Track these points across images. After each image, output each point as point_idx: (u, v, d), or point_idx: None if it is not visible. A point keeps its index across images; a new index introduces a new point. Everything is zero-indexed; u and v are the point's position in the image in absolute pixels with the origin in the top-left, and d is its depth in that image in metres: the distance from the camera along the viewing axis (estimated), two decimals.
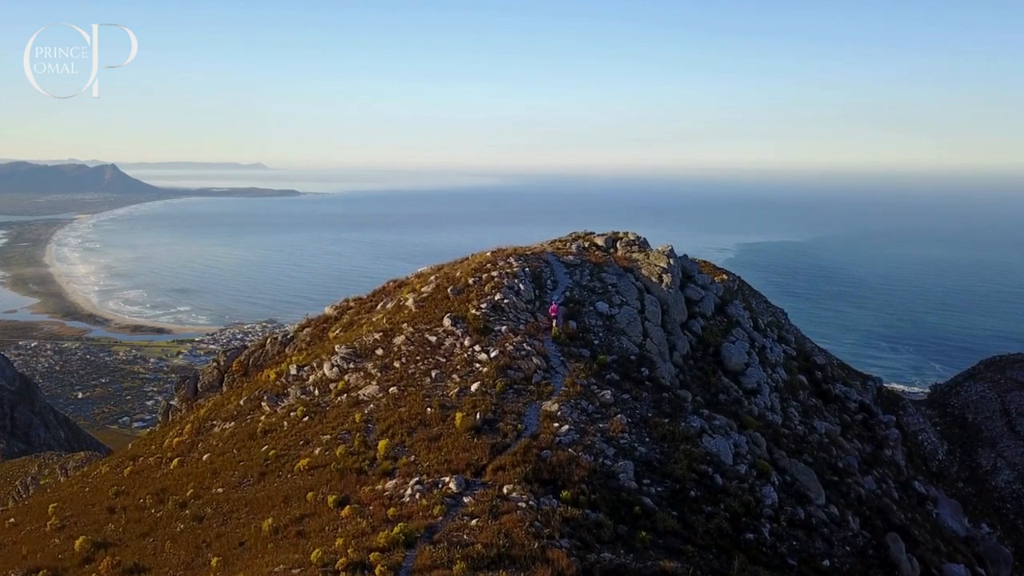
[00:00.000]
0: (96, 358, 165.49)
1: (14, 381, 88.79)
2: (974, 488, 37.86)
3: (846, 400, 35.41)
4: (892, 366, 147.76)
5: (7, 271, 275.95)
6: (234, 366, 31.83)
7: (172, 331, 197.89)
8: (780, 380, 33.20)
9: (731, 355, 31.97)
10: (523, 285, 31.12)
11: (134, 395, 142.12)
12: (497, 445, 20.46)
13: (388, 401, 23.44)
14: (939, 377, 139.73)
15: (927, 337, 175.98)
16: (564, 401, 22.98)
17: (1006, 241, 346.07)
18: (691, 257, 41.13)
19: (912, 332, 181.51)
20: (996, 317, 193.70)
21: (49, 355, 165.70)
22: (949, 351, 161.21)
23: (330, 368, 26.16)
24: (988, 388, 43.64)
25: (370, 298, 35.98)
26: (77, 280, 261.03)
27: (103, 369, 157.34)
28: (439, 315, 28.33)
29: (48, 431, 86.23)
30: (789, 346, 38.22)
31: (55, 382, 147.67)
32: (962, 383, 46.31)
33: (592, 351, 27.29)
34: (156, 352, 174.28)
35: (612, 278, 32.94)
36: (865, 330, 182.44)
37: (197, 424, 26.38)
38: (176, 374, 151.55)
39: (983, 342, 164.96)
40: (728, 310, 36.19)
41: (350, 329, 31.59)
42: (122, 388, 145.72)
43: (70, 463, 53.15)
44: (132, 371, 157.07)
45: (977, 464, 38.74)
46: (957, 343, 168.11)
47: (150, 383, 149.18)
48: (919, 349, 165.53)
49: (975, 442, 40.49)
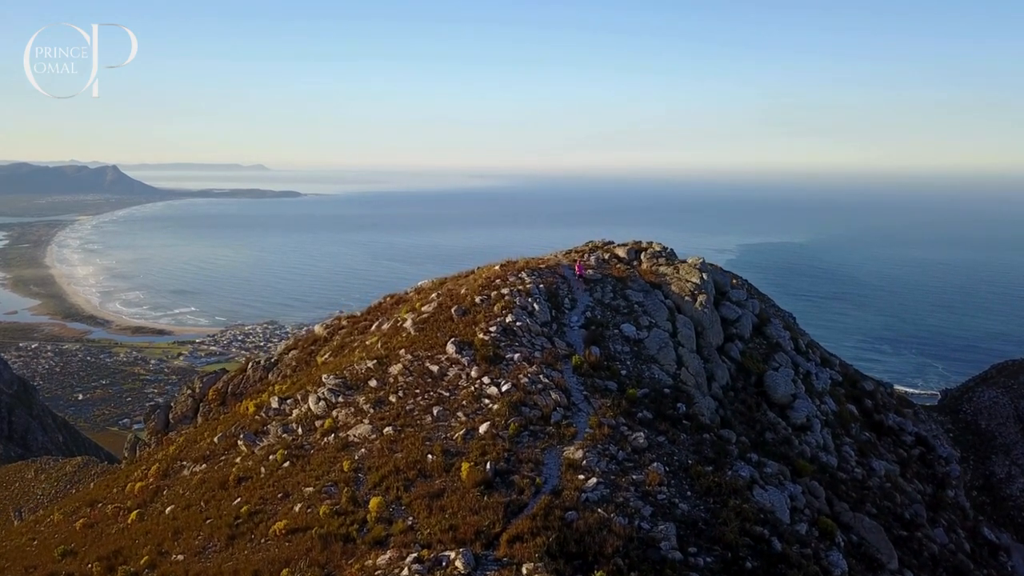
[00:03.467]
0: (96, 359, 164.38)
1: (12, 384, 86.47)
2: (988, 496, 36.55)
3: (901, 432, 31.76)
4: (894, 367, 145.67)
5: (8, 272, 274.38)
6: (210, 394, 28.65)
7: (173, 332, 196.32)
8: (829, 412, 29.64)
9: (776, 385, 28.42)
10: (537, 305, 27.52)
11: (134, 396, 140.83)
12: (512, 505, 16.99)
13: (382, 444, 20.00)
14: (941, 377, 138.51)
15: (929, 337, 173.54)
16: (590, 446, 19.46)
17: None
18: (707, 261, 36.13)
19: (912, 332, 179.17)
20: (996, 316, 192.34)
21: (50, 356, 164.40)
22: (951, 351, 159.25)
23: (316, 402, 22.81)
24: (1001, 394, 42.02)
25: (364, 316, 32.49)
26: (78, 281, 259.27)
27: (103, 371, 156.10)
28: (442, 340, 24.95)
29: (46, 434, 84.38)
30: (834, 370, 34.38)
31: (55, 383, 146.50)
32: (974, 388, 44.41)
33: (619, 383, 23.79)
34: (157, 354, 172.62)
35: (638, 295, 29.45)
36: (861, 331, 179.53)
37: (165, 464, 22.98)
38: (176, 375, 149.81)
39: (983, 341, 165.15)
40: (767, 330, 32.56)
41: (340, 354, 28.34)
42: (122, 390, 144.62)
43: (67, 467, 51.96)
44: (132, 372, 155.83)
45: (991, 472, 37.07)
46: (959, 343, 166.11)
47: (151, 384, 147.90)
48: (921, 350, 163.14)
49: (989, 449, 38.82)
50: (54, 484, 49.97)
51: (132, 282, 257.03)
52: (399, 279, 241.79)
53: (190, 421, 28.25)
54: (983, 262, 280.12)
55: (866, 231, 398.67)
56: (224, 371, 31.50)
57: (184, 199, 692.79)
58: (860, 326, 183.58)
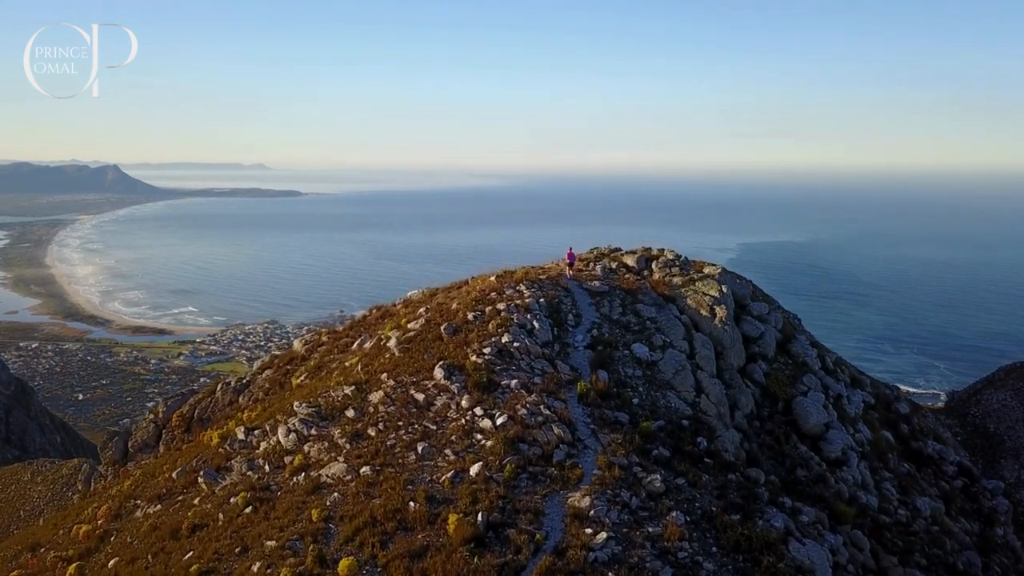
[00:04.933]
0: (97, 359, 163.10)
1: (9, 385, 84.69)
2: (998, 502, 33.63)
3: (942, 461, 28.57)
4: (896, 367, 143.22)
5: (9, 272, 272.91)
6: (174, 420, 25.88)
7: (173, 332, 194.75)
8: (864, 441, 26.69)
9: (807, 413, 25.43)
10: (537, 322, 24.57)
11: (135, 397, 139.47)
12: (508, 567, 14.33)
13: (358, 487, 17.32)
14: (943, 377, 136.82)
15: (929, 337, 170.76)
16: (598, 492, 16.74)
17: None
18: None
19: (914, 332, 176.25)
20: (996, 316, 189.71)
21: (50, 356, 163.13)
22: (951, 351, 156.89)
23: (286, 434, 20.06)
24: (1010, 396, 41.08)
25: (346, 331, 29.57)
26: (78, 281, 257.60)
27: (104, 370, 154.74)
28: (429, 363, 22.14)
29: (44, 436, 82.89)
30: (865, 391, 31.29)
31: (55, 383, 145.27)
32: (982, 391, 43.28)
33: (631, 414, 20.86)
34: (157, 353, 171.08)
35: (650, 310, 26.51)
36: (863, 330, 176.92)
37: (118, 503, 20.33)
38: (177, 375, 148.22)
39: (984, 340, 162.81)
40: (792, 348, 29.37)
41: (318, 376, 25.55)
42: (123, 390, 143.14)
43: (63, 469, 50.96)
44: (133, 372, 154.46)
45: (1000, 476, 35.44)
46: (961, 343, 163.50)
47: (151, 384, 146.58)
48: (922, 349, 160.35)
49: (998, 453, 37.71)
50: (51, 487, 48.43)
51: (132, 281, 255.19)
52: (399, 279, 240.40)
53: (151, 450, 25.40)
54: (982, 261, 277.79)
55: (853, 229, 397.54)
56: (192, 391, 28.79)
57: (185, 198, 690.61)
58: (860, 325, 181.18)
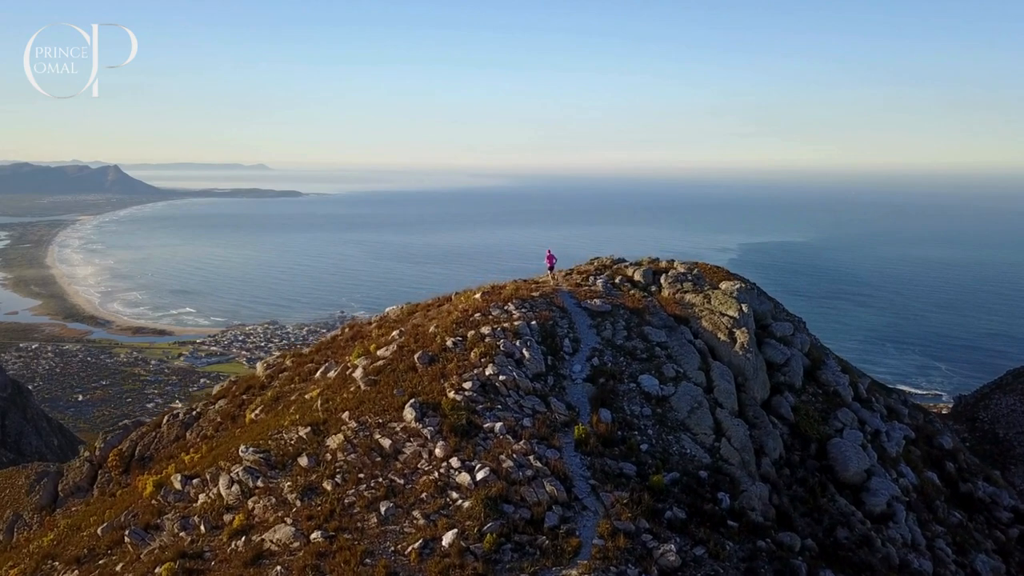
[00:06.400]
0: (97, 360, 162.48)
1: (5, 387, 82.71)
2: None
3: (994, 507, 25.21)
4: (898, 368, 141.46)
5: (9, 272, 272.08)
6: (111, 459, 22.72)
7: (173, 333, 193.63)
8: (910, 487, 23.17)
9: (845, 458, 21.84)
10: (528, 350, 21.03)
11: (135, 397, 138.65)
12: None
13: (306, 559, 14.10)
14: (945, 378, 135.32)
15: (931, 337, 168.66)
16: (599, 568, 13.47)
17: None
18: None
19: (915, 332, 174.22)
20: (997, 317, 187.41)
21: (50, 357, 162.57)
22: (955, 352, 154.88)
23: (228, 485, 16.91)
24: (1020, 401, 40.33)
25: (312, 355, 26.23)
26: (79, 282, 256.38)
27: (104, 371, 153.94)
28: (398, 400, 18.82)
29: (40, 438, 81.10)
30: (903, 422, 27.42)
31: (55, 384, 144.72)
32: (990, 395, 42.44)
33: (639, 464, 17.62)
34: (157, 354, 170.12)
35: (659, 334, 23.14)
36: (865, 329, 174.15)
37: (33, 564, 17.24)
38: (177, 376, 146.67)
39: (984, 341, 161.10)
40: (822, 375, 25.75)
41: (274, 409, 22.14)
42: (123, 390, 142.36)
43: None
44: (133, 373, 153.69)
45: (1010, 483, 33.66)
46: (962, 344, 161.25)
47: (151, 385, 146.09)
48: (924, 350, 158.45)
49: (1007, 459, 36.72)
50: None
51: (133, 282, 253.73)
52: (399, 279, 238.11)
53: (85, 494, 22.26)
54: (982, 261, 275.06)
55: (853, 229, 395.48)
56: (139, 422, 25.56)
57: (185, 199, 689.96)
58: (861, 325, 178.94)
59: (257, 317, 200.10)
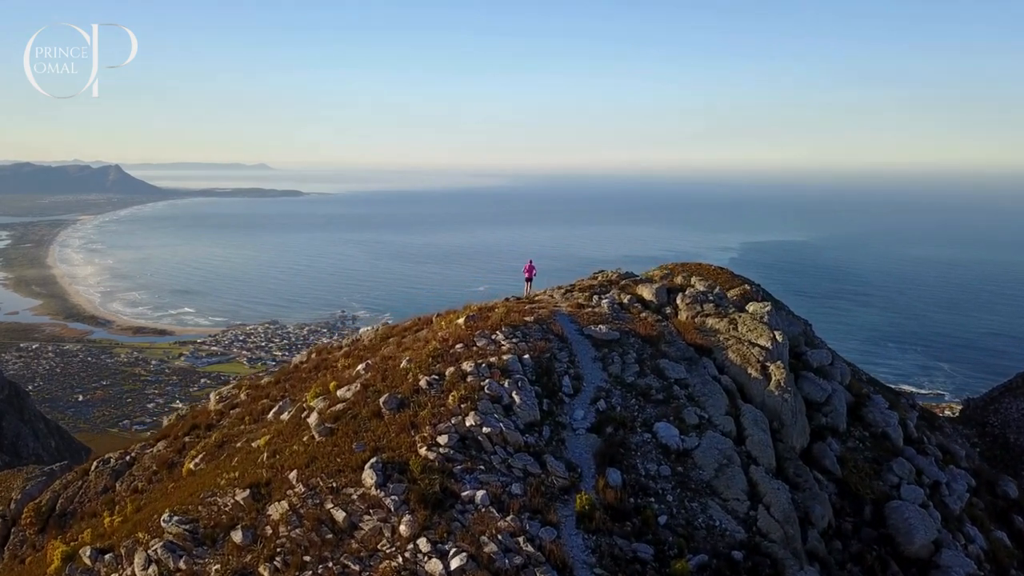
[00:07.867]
0: (97, 360, 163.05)
1: (2, 389, 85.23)
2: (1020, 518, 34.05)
3: None
4: (901, 368, 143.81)
5: (10, 272, 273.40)
6: (26, 515, 19.47)
7: (174, 333, 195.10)
8: (980, 552, 19.11)
9: (909, 528, 17.78)
10: (519, 393, 17.52)
11: (135, 398, 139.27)
12: None
13: None
14: (948, 379, 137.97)
15: (934, 337, 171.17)
16: None
17: None
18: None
19: (917, 332, 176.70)
20: (999, 317, 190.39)
21: (50, 357, 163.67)
22: (957, 352, 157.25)
23: (143, 566, 13.78)
24: None
25: (269, 388, 22.48)
26: (80, 281, 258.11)
27: (104, 371, 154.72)
28: (357, 457, 15.57)
29: (38, 440, 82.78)
30: (961, 467, 22.88)
31: (56, 384, 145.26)
32: (1000, 398, 41.45)
33: (657, 545, 14.44)
34: (158, 354, 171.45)
35: (678, 369, 19.46)
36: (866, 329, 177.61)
37: None
38: (177, 376, 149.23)
39: (986, 341, 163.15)
40: (867, 415, 21.67)
41: (216, 457, 18.72)
42: (123, 391, 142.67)
43: None
44: (133, 373, 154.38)
45: (1022, 489, 35.11)
46: (965, 344, 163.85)
47: (151, 385, 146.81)
48: (926, 350, 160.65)
49: (1019, 465, 35.40)
50: None
51: (133, 282, 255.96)
52: (399, 279, 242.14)
53: None
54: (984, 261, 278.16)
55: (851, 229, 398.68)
56: (67, 467, 22.61)
57: (186, 199, 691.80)
58: (863, 325, 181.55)
59: (257, 317, 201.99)
